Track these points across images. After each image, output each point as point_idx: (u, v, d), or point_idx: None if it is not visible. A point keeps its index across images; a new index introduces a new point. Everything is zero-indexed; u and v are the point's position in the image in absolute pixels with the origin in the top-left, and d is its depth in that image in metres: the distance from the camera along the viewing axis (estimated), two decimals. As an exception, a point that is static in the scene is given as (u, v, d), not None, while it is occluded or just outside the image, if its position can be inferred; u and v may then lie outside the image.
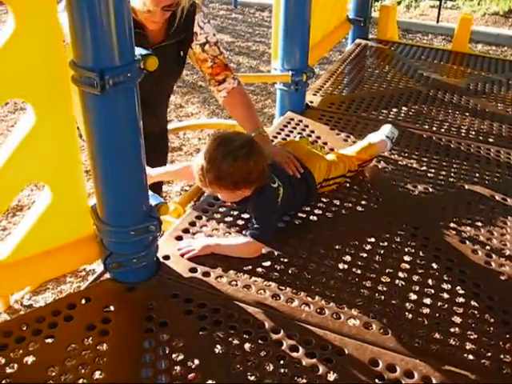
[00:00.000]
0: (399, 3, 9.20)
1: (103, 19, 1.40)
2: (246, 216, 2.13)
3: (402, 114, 3.20)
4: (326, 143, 2.76)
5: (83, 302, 1.74)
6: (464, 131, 3.04)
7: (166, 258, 1.91)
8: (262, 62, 6.93)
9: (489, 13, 8.62)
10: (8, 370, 1.51)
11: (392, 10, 4.42)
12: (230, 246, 1.96)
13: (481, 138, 2.98)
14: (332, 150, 2.64)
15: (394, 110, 3.23)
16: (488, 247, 2.10)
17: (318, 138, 2.82)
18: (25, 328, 1.64)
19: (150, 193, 1.78)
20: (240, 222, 2.11)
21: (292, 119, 3.00)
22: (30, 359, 1.55)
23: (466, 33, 4.26)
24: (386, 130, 2.60)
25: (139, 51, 1.53)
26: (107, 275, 1.85)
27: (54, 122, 1.56)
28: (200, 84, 6.05)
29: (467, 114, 3.26)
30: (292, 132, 2.85)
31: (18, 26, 1.41)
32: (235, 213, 2.16)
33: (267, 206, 2.00)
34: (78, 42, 1.45)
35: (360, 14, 4.26)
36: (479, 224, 2.23)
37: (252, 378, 1.52)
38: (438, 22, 8.25)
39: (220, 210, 2.17)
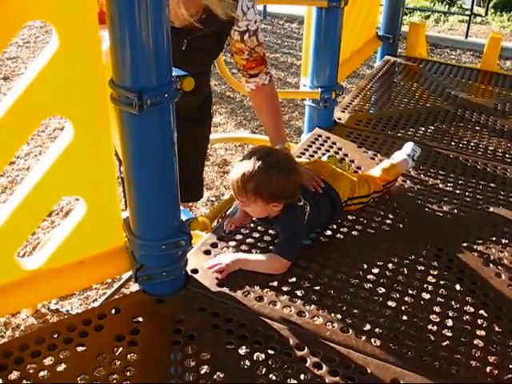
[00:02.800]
0: (428, 17, 9.20)
1: (143, 41, 1.46)
2: (272, 232, 2.17)
3: (429, 133, 3.21)
4: (352, 161, 2.79)
5: (113, 312, 1.79)
6: (490, 152, 3.04)
7: (195, 271, 1.95)
8: (289, 74, 6.97)
9: (518, 29, 8.59)
10: (41, 375, 1.57)
11: (421, 27, 4.44)
12: (258, 261, 2.00)
13: (507, 159, 2.98)
14: (359, 168, 2.66)
15: (422, 128, 3.25)
16: (512, 271, 2.12)
17: (346, 155, 2.85)
18: (56, 336, 1.69)
19: (181, 208, 1.83)
20: (267, 238, 2.15)
21: (320, 136, 3.04)
22: (61, 367, 1.60)
23: (495, 52, 4.26)
24: (408, 148, 2.63)
25: (176, 72, 1.59)
26: (135, 285, 1.90)
27: (91, 138, 1.62)
28: (228, 94, 6.11)
29: (494, 134, 3.26)
30: (320, 149, 2.89)
31: (60, 46, 1.47)
32: (262, 229, 2.20)
33: (295, 223, 2.04)
34: (118, 63, 1.51)
35: (389, 31, 4.29)
36: (504, 247, 2.24)
37: (276, 394, 1.56)
38: (466, 37, 8.23)
39: (247, 225, 2.22)
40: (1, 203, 3.91)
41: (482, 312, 1.91)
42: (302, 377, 1.60)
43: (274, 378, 1.60)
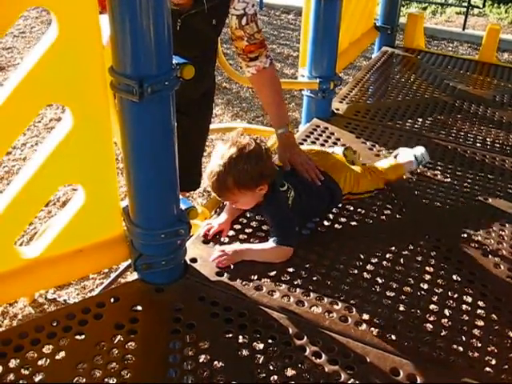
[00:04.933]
0: (425, 9, 9.17)
1: (144, 29, 1.46)
2: None
3: (427, 124, 3.21)
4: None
5: (112, 301, 1.80)
6: (489, 143, 3.05)
7: (193, 260, 1.95)
8: (286, 65, 6.94)
9: (516, 21, 8.57)
10: (40, 363, 1.57)
11: (419, 18, 4.43)
12: (260, 252, 2.00)
13: (506, 150, 2.99)
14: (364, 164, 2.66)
15: (420, 119, 3.25)
16: (510, 261, 2.12)
17: (344, 145, 2.84)
18: (55, 324, 1.69)
19: (181, 197, 1.83)
20: (265, 228, 2.15)
21: (318, 126, 3.04)
22: (60, 355, 1.60)
23: (493, 43, 4.26)
24: (418, 151, 2.63)
25: (176, 60, 1.58)
26: (132, 275, 1.90)
27: (90, 126, 1.61)
28: (224, 85, 6.09)
29: (492, 126, 3.26)
30: (318, 139, 2.89)
31: (60, 33, 1.46)
32: (260, 218, 2.20)
33: (279, 208, 2.05)
34: (119, 51, 1.50)
35: (387, 22, 4.28)
36: (502, 238, 2.25)
37: (275, 382, 1.56)
38: (463, 29, 8.20)
39: (246, 214, 2.22)
40: (-3, 193, 3.90)
41: (480, 302, 1.92)
42: (301, 366, 1.61)
43: (273, 367, 1.60)
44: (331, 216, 2.26)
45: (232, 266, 1.94)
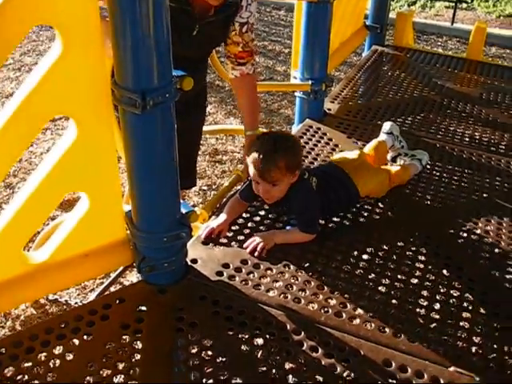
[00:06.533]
0: (414, 3, 9.25)
1: (145, 45, 1.53)
2: (271, 216, 2.32)
3: (417, 123, 3.31)
4: (342, 151, 2.87)
5: (117, 302, 1.88)
6: (476, 141, 3.15)
7: (194, 261, 2.04)
8: (278, 62, 6.99)
9: (504, 14, 8.66)
10: (51, 364, 1.65)
11: (408, 17, 4.51)
12: (287, 236, 2.19)
13: (492, 148, 3.09)
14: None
15: (409, 118, 3.34)
16: (497, 257, 2.22)
17: (336, 145, 2.94)
18: (64, 326, 1.77)
19: (181, 201, 1.91)
20: (263, 228, 2.25)
21: (311, 127, 3.13)
22: (70, 356, 1.68)
23: (480, 41, 4.35)
24: (423, 157, 2.76)
25: (176, 73, 1.66)
26: (132, 275, 1.97)
27: (94, 137, 1.68)
28: (217, 83, 6.14)
29: (480, 124, 3.36)
30: (311, 140, 2.98)
31: (64, 48, 1.53)
32: (260, 215, 2.31)
33: (306, 194, 2.19)
34: (121, 65, 1.58)
35: (377, 21, 4.36)
36: (487, 233, 2.35)
37: (275, 376, 1.65)
38: (452, 23, 8.29)
39: (244, 215, 2.30)
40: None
41: (467, 295, 2.01)
42: (299, 360, 1.70)
43: (272, 361, 1.69)
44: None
45: (231, 266, 2.03)
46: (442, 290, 2.02)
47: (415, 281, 2.06)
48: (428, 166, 2.80)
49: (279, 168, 2.06)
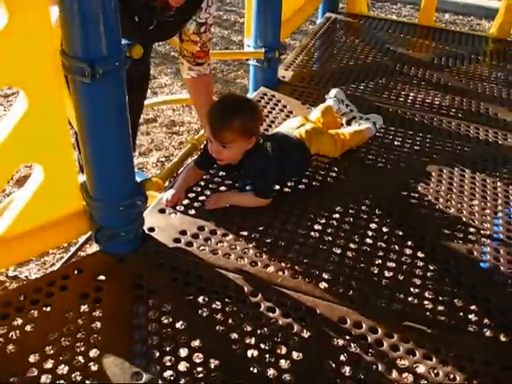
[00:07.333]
0: (369, -30, 9.26)
1: (92, 13, 1.51)
2: (227, 183, 2.34)
3: (370, 88, 3.35)
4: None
5: (76, 272, 1.88)
6: (427, 105, 3.21)
7: (151, 229, 2.06)
8: (233, 32, 6.95)
9: (456, -19, 8.75)
10: (11, 335, 1.65)
11: (361, -17, 4.54)
12: (241, 198, 2.24)
13: (443, 111, 3.16)
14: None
15: (362, 84, 3.39)
16: (446, 215, 2.29)
17: (290, 112, 2.97)
18: (22, 298, 1.77)
19: (136, 170, 1.92)
20: (221, 190, 2.30)
21: (265, 94, 3.14)
22: (30, 327, 1.68)
23: (431, 7, 4.40)
24: (375, 119, 2.81)
25: (125, 40, 1.65)
26: (92, 248, 1.98)
27: (45, 107, 1.67)
28: (173, 55, 6.08)
29: (431, 88, 3.43)
30: (265, 107, 2.99)
31: (9, 19, 1.51)
32: (216, 183, 2.33)
33: (263, 159, 2.21)
34: (69, 34, 1.56)
35: (330, -12, 4.38)
36: (438, 192, 2.42)
37: (234, 337, 1.69)
38: (406, -10, 8.34)
39: (200, 183, 2.32)
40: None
41: (419, 254, 2.08)
42: (257, 321, 1.75)
43: (231, 323, 1.73)
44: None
45: (188, 232, 2.05)
46: (395, 249, 2.09)
47: (369, 241, 2.12)
48: (381, 130, 2.85)
49: (232, 130, 2.07)
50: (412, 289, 1.93)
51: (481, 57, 3.97)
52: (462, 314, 1.85)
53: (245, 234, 2.08)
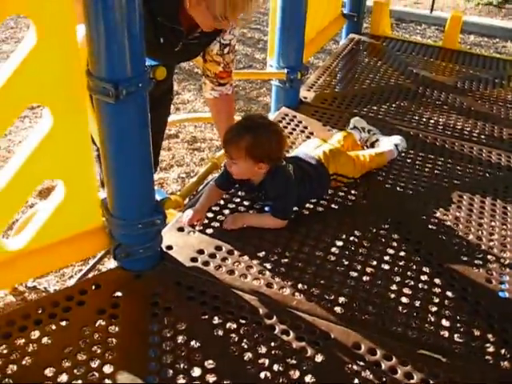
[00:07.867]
0: (394, -10, 9.29)
1: (118, 35, 1.55)
2: (246, 203, 2.35)
3: (391, 111, 3.36)
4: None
5: (93, 288, 1.91)
6: (449, 129, 3.20)
7: (169, 248, 2.07)
8: (256, 50, 7.01)
9: (482, 3, 8.73)
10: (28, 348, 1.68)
11: (385, 5, 4.54)
12: (258, 219, 2.24)
13: (465, 136, 3.14)
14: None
15: (384, 106, 3.39)
16: (465, 242, 2.28)
17: (311, 133, 2.98)
18: (41, 312, 1.80)
19: (156, 186, 1.94)
20: (240, 210, 2.31)
21: (286, 115, 3.16)
22: (47, 340, 1.70)
23: (456, 30, 4.40)
24: (396, 139, 2.80)
25: (148, 62, 1.68)
26: (110, 262, 2.00)
27: (69, 125, 1.70)
28: (196, 71, 6.14)
29: (453, 112, 3.42)
30: (286, 128, 3.01)
31: (39, 38, 1.55)
32: (235, 202, 2.34)
33: (285, 181, 2.21)
34: (94, 55, 1.60)
35: (354, 10, 4.40)
36: (458, 219, 2.41)
37: (248, 358, 1.70)
38: (431, 11, 8.35)
39: (219, 202, 2.34)
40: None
41: (436, 280, 2.07)
42: (271, 343, 1.75)
43: (245, 344, 1.74)
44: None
45: (206, 252, 2.06)
46: (412, 275, 2.08)
47: (386, 266, 2.11)
48: (402, 153, 2.84)
49: (238, 147, 2.09)
50: (428, 316, 1.92)
51: (505, 81, 3.96)
52: (478, 343, 1.83)
53: (262, 254, 2.09)
